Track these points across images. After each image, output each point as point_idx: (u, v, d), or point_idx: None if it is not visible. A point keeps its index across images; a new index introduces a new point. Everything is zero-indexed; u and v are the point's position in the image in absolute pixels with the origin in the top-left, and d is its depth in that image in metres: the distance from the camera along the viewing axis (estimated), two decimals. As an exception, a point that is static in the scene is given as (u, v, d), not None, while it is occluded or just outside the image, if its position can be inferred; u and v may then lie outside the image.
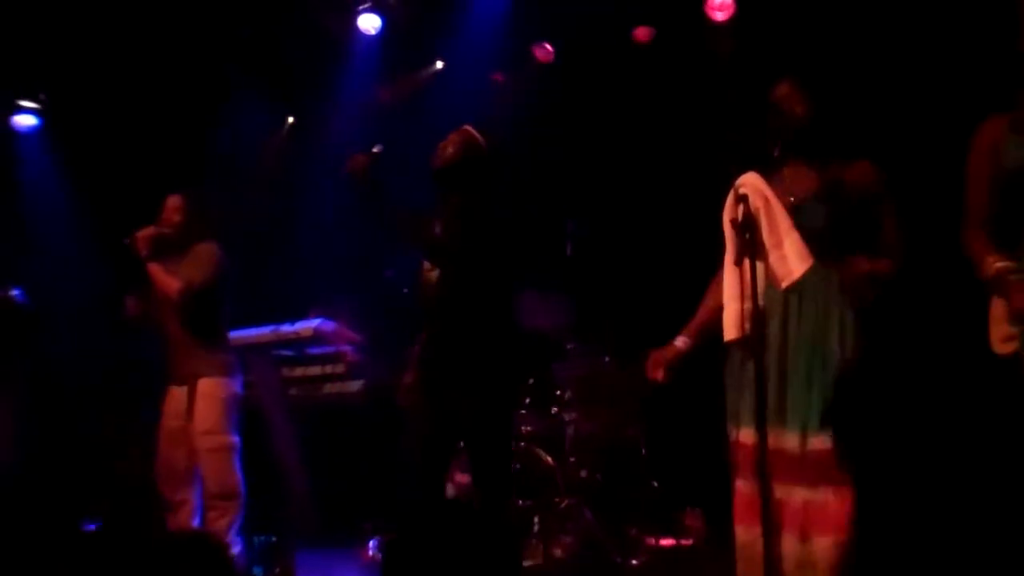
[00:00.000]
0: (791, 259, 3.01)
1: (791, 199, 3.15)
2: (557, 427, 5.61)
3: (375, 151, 3.77)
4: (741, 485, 3.20)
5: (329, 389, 6.24)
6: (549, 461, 5.35)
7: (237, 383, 4.72)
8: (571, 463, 5.48)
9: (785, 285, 3.04)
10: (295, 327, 6.07)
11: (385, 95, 7.29)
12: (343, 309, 6.17)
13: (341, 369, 6.21)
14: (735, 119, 3.45)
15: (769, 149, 3.19)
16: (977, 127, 3.04)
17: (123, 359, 5.93)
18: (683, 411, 5.88)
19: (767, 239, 3.03)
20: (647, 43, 6.32)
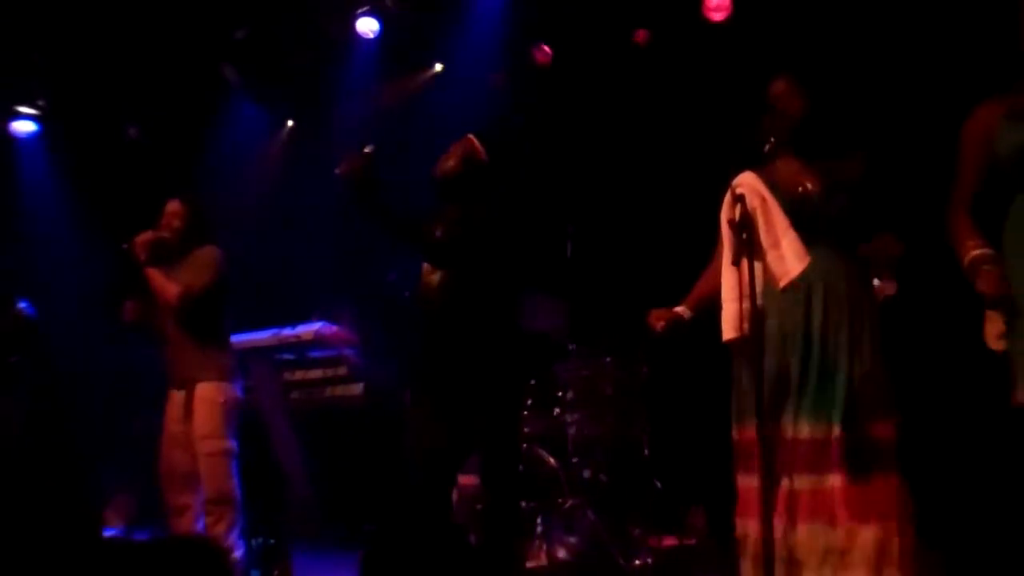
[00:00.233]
0: (788, 258, 3.01)
1: (787, 196, 3.16)
2: (559, 428, 5.60)
3: (367, 151, 3.77)
4: (764, 480, 3.13)
5: (330, 392, 6.24)
6: (552, 462, 5.35)
7: (237, 387, 4.72)
8: (574, 464, 5.48)
9: (783, 284, 3.03)
10: (296, 331, 6.08)
11: (384, 98, 7.29)
12: (344, 313, 6.17)
13: (342, 372, 6.22)
14: (733, 119, 3.43)
15: (763, 146, 3.19)
16: (971, 111, 3.01)
17: (124, 363, 5.93)
18: (686, 411, 5.89)
19: (764, 239, 3.02)
20: (644, 45, 6.32)
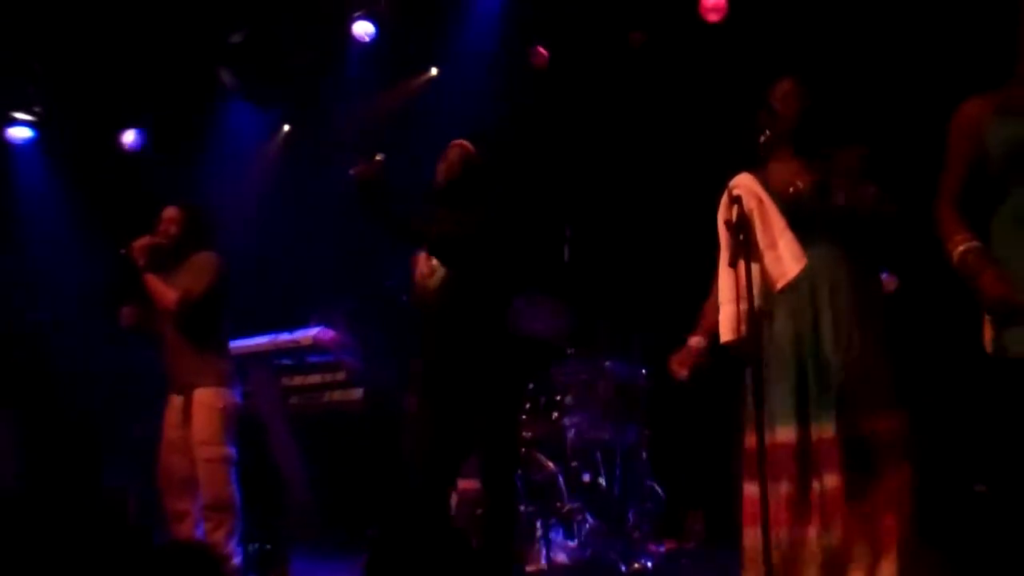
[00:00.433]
0: (786, 259, 3.00)
1: (791, 189, 3.16)
2: (558, 432, 5.59)
3: (378, 159, 3.78)
4: (775, 487, 3.10)
5: (329, 397, 6.23)
6: (551, 466, 5.34)
7: (236, 393, 4.70)
8: (573, 468, 5.47)
9: (780, 285, 3.03)
10: (294, 336, 6.07)
11: (379, 103, 7.29)
12: (342, 317, 6.16)
13: (341, 377, 6.21)
14: (729, 120, 3.43)
15: (761, 147, 3.19)
16: (958, 107, 2.99)
17: (123, 367, 5.91)
18: (684, 415, 5.89)
19: (761, 240, 3.01)
20: (637, 47, 6.32)
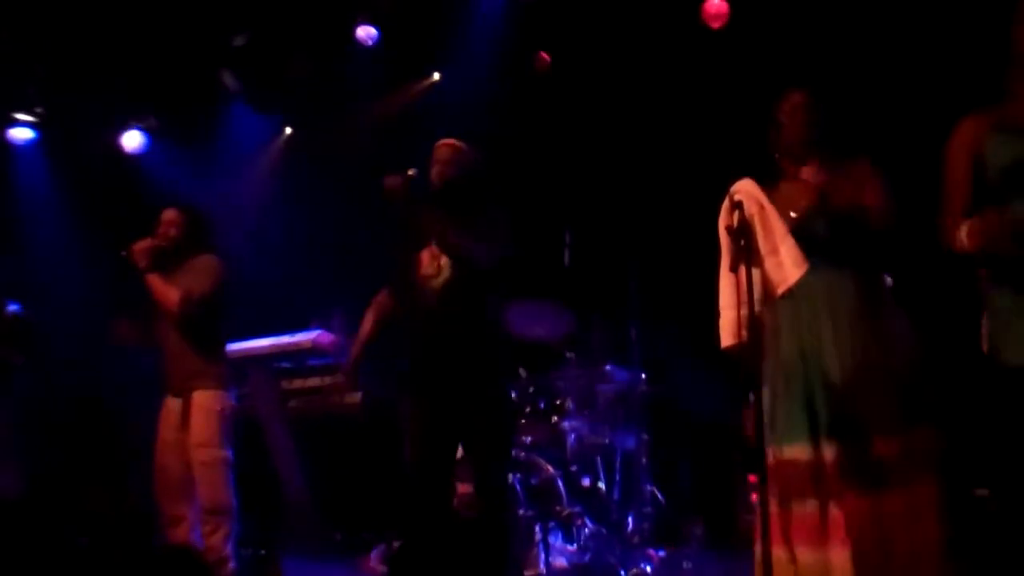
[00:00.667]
0: (787, 265, 2.99)
1: (792, 214, 3.16)
2: (558, 436, 5.59)
3: (411, 173, 3.78)
4: (797, 506, 3.10)
5: (327, 401, 6.22)
6: (550, 470, 5.34)
7: (232, 395, 4.72)
8: (572, 472, 5.47)
9: (781, 291, 3.02)
10: (294, 338, 6.06)
11: (382, 107, 7.30)
12: (342, 321, 6.15)
13: (340, 381, 6.19)
14: (731, 126, 3.44)
15: (773, 160, 3.20)
16: (956, 124, 2.99)
17: (122, 369, 5.91)
18: (684, 420, 5.89)
19: (762, 245, 3.01)
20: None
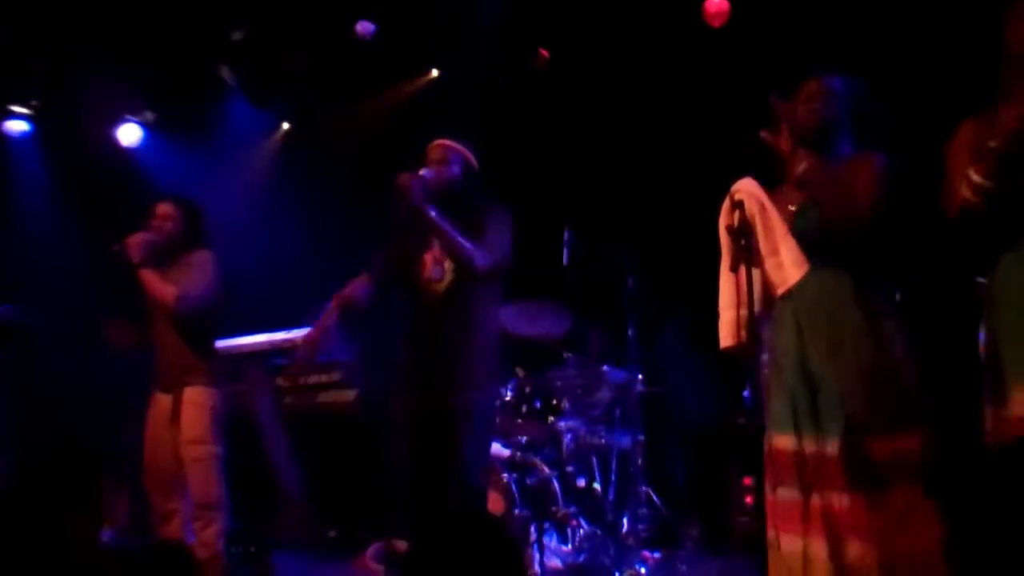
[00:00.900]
0: (787, 265, 2.97)
1: (791, 208, 3.13)
2: (554, 436, 5.58)
3: (422, 174, 3.76)
4: (782, 492, 3.11)
5: (323, 398, 6.21)
6: (545, 470, 5.33)
7: (223, 392, 4.69)
8: (568, 473, 5.46)
9: (781, 291, 3.00)
10: (289, 335, 6.03)
11: (380, 103, 7.28)
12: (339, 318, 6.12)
13: (335, 378, 6.18)
14: (732, 125, 3.40)
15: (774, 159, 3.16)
16: (956, 127, 2.97)
17: (116, 364, 5.88)
18: (681, 421, 5.87)
19: (763, 245, 2.99)
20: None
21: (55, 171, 7.05)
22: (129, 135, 7.06)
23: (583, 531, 5.21)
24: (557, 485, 5.28)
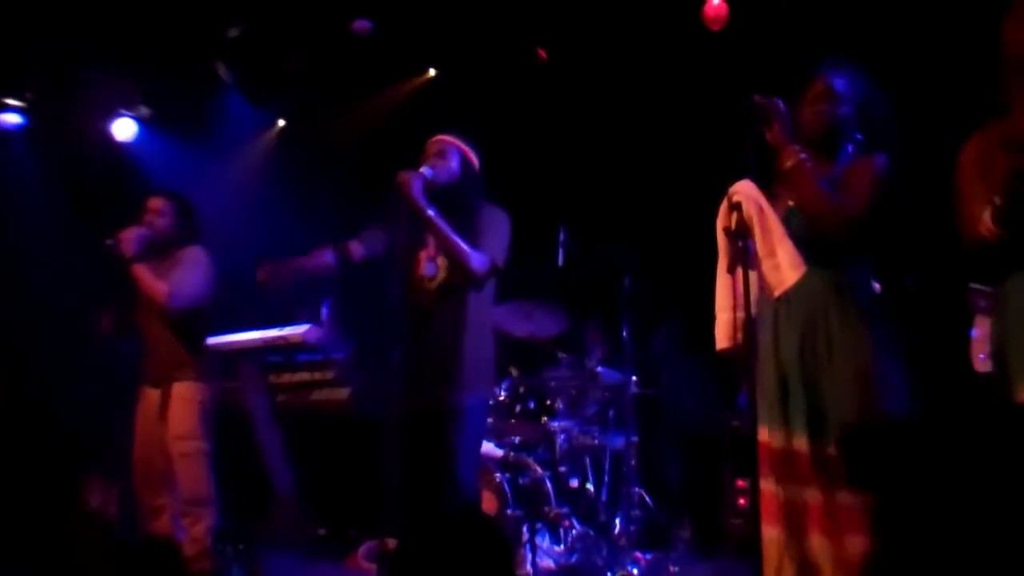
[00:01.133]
0: (784, 268, 2.96)
1: (789, 203, 3.11)
2: (547, 436, 5.58)
3: (422, 171, 3.74)
4: (763, 485, 3.11)
5: (317, 396, 6.19)
6: (538, 471, 5.32)
7: (212, 388, 4.67)
8: (561, 473, 5.45)
9: (778, 294, 2.99)
10: (283, 332, 6.01)
11: (377, 102, 7.27)
12: (329, 315, 6.11)
13: (329, 376, 6.16)
14: (729, 128, 3.38)
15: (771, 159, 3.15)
16: (963, 145, 2.96)
17: (108, 359, 5.86)
18: (673, 422, 5.86)
19: (760, 247, 2.97)
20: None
21: (48, 165, 7.00)
22: (124, 130, 7.03)
23: (575, 531, 5.20)
24: (550, 485, 5.28)
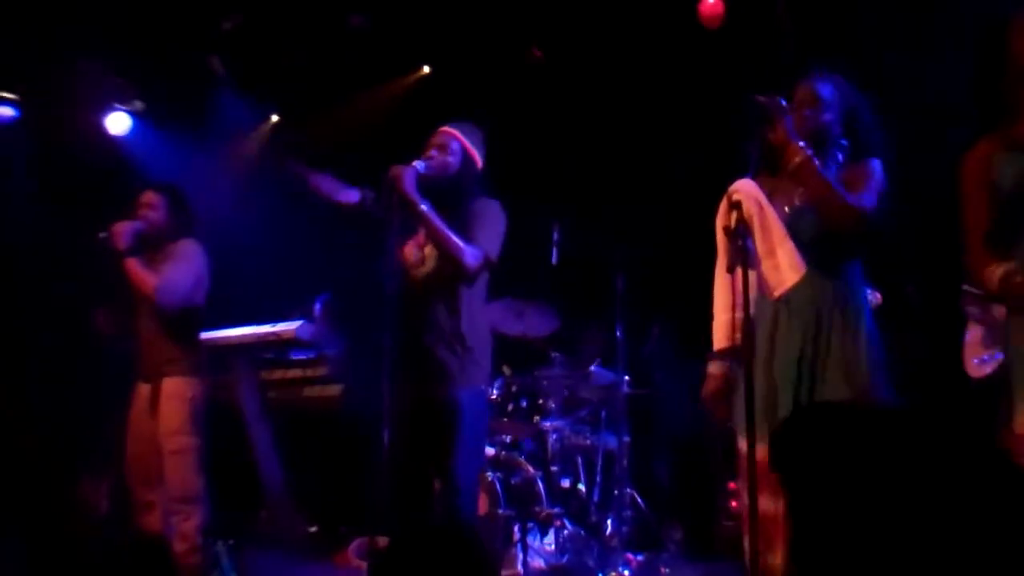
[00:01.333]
0: (783, 268, 2.94)
1: (785, 208, 3.10)
2: (539, 436, 5.57)
3: (415, 165, 3.72)
4: (743, 496, 3.09)
5: (308, 392, 6.17)
6: (530, 470, 5.31)
7: (204, 383, 4.63)
8: (553, 473, 5.44)
9: (777, 294, 2.97)
10: (276, 328, 6.00)
11: (370, 98, 7.26)
12: (325, 312, 6.09)
13: (321, 373, 6.15)
14: (725, 126, 3.37)
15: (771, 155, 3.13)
16: (966, 153, 2.96)
17: (98, 355, 5.83)
18: (667, 424, 5.86)
19: (760, 247, 2.95)
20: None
21: (41, 159, 6.97)
22: (117, 124, 6.99)
23: (567, 532, 5.19)
24: (541, 485, 5.26)
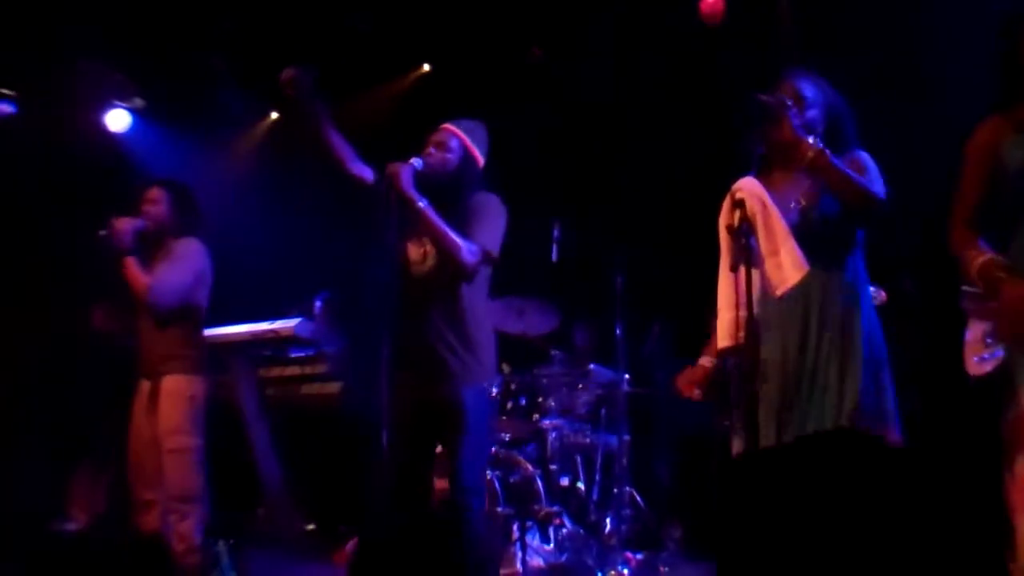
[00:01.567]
0: (786, 267, 2.94)
1: (791, 204, 3.10)
2: (539, 434, 5.57)
3: (413, 163, 3.72)
4: None
5: (307, 390, 6.17)
6: (529, 469, 5.31)
7: (204, 382, 4.60)
8: (552, 471, 5.44)
9: (779, 292, 2.97)
10: (274, 326, 6.00)
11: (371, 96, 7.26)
12: (323, 309, 6.09)
13: (319, 370, 6.14)
14: (725, 124, 3.36)
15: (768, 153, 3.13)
16: (975, 127, 2.96)
17: (99, 353, 5.83)
18: (666, 423, 5.86)
19: (763, 245, 2.95)
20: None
21: (41, 156, 6.96)
22: (118, 121, 6.99)
23: (566, 530, 5.19)
24: (540, 483, 5.26)
